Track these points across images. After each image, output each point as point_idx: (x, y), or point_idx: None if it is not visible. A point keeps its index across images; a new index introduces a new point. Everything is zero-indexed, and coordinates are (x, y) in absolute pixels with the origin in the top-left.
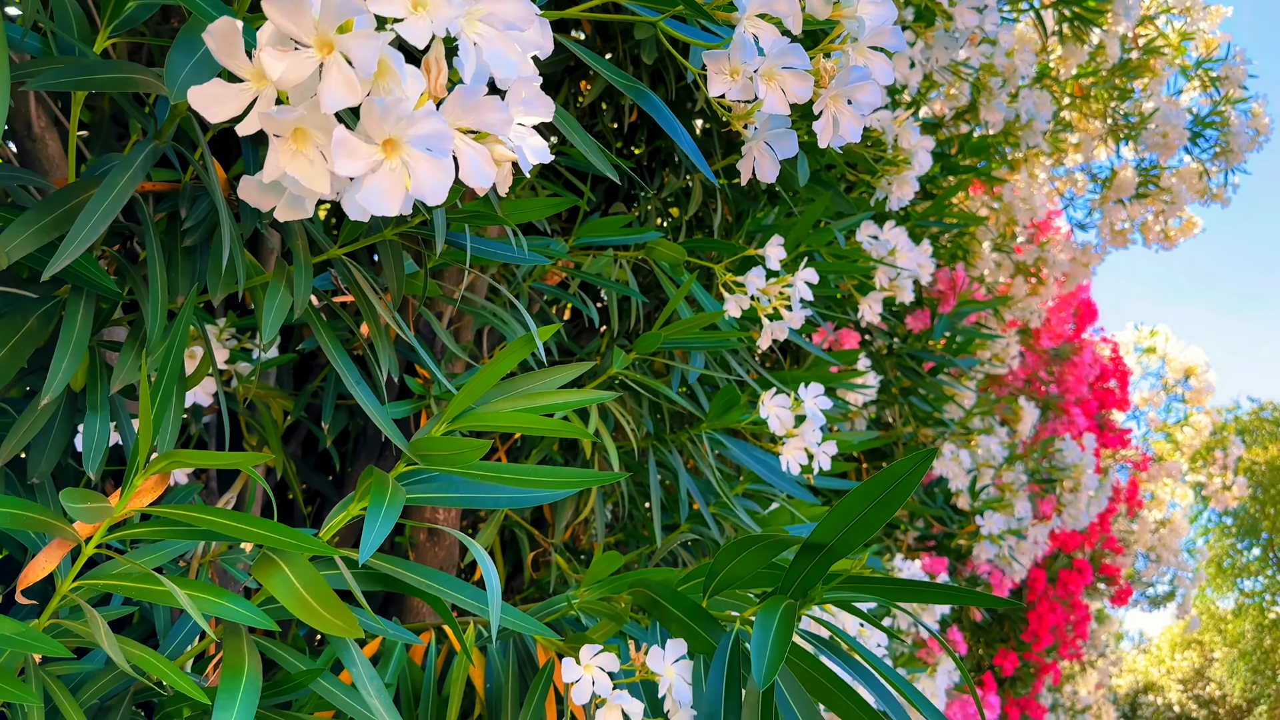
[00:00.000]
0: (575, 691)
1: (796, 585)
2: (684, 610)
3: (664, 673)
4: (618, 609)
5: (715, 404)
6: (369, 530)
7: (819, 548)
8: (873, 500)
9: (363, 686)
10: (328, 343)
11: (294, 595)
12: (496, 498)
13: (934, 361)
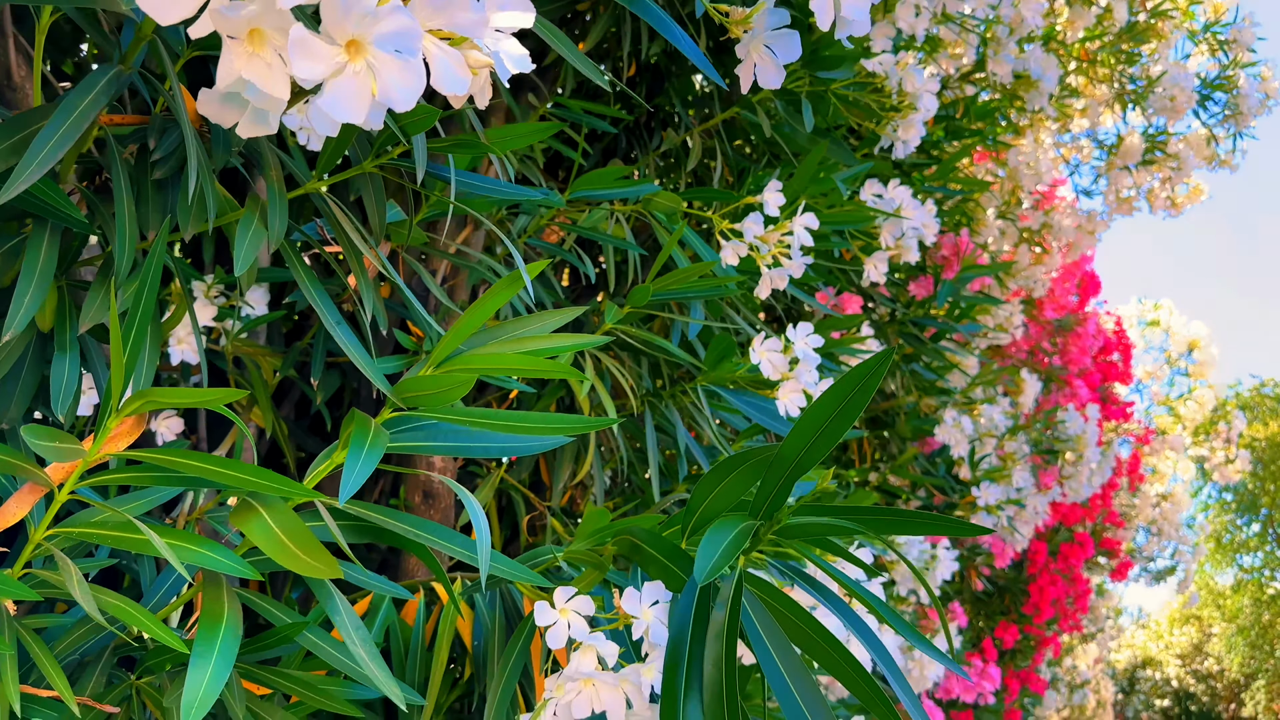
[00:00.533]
0: (550, 635)
1: (765, 508)
2: (662, 552)
3: (640, 615)
4: (600, 557)
5: (710, 353)
6: (349, 472)
7: (784, 464)
8: (835, 409)
9: (348, 637)
10: (305, 280)
11: (272, 540)
12: (487, 446)
13: (937, 328)
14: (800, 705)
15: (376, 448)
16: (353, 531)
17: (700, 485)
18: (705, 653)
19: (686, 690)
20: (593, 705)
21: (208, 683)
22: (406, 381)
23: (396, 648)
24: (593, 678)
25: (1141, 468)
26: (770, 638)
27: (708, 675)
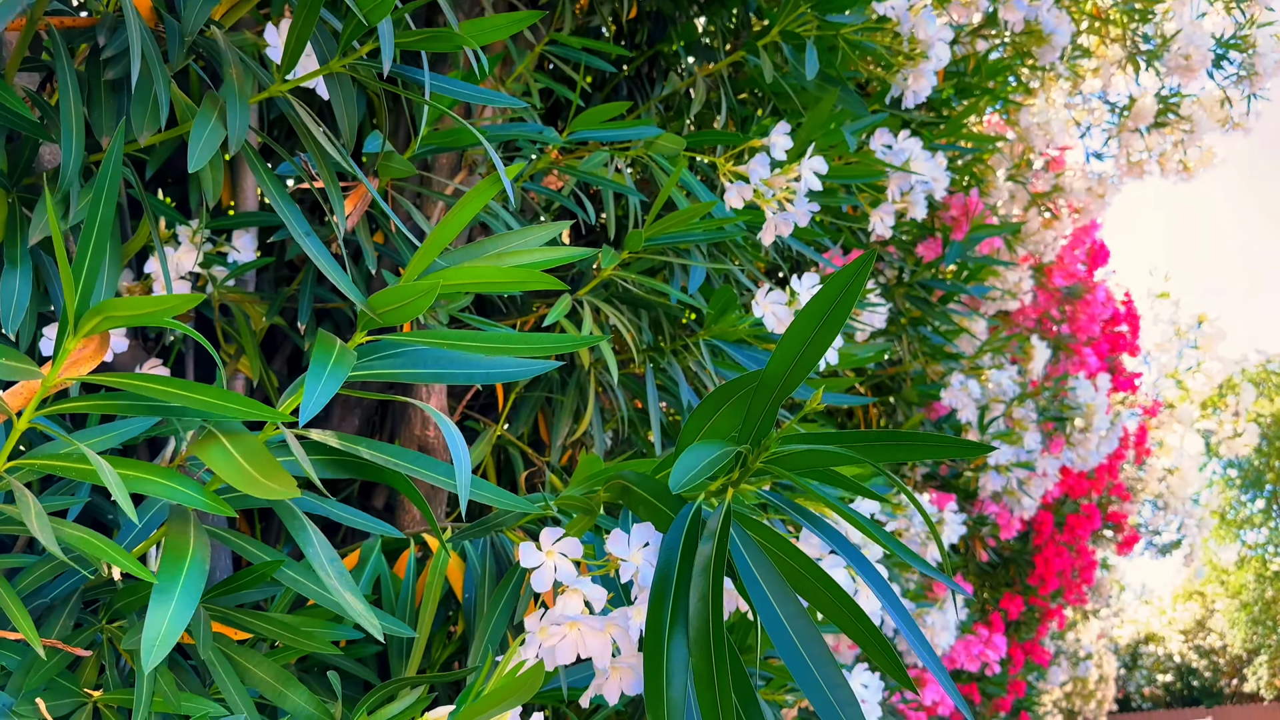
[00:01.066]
0: (535, 578)
1: (753, 432)
2: (652, 492)
3: (629, 557)
4: (590, 502)
5: (713, 306)
6: (310, 393)
7: (769, 385)
8: (818, 321)
9: (321, 569)
10: (266, 181)
11: (231, 465)
12: (470, 372)
13: (945, 290)
14: (797, 646)
15: (341, 367)
16: (330, 465)
17: (690, 420)
18: (691, 589)
19: (671, 627)
20: (578, 650)
21: (170, 620)
22: (378, 296)
23: (387, 598)
24: (578, 621)
25: (1148, 441)
26: (763, 575)
27: (694, 611)
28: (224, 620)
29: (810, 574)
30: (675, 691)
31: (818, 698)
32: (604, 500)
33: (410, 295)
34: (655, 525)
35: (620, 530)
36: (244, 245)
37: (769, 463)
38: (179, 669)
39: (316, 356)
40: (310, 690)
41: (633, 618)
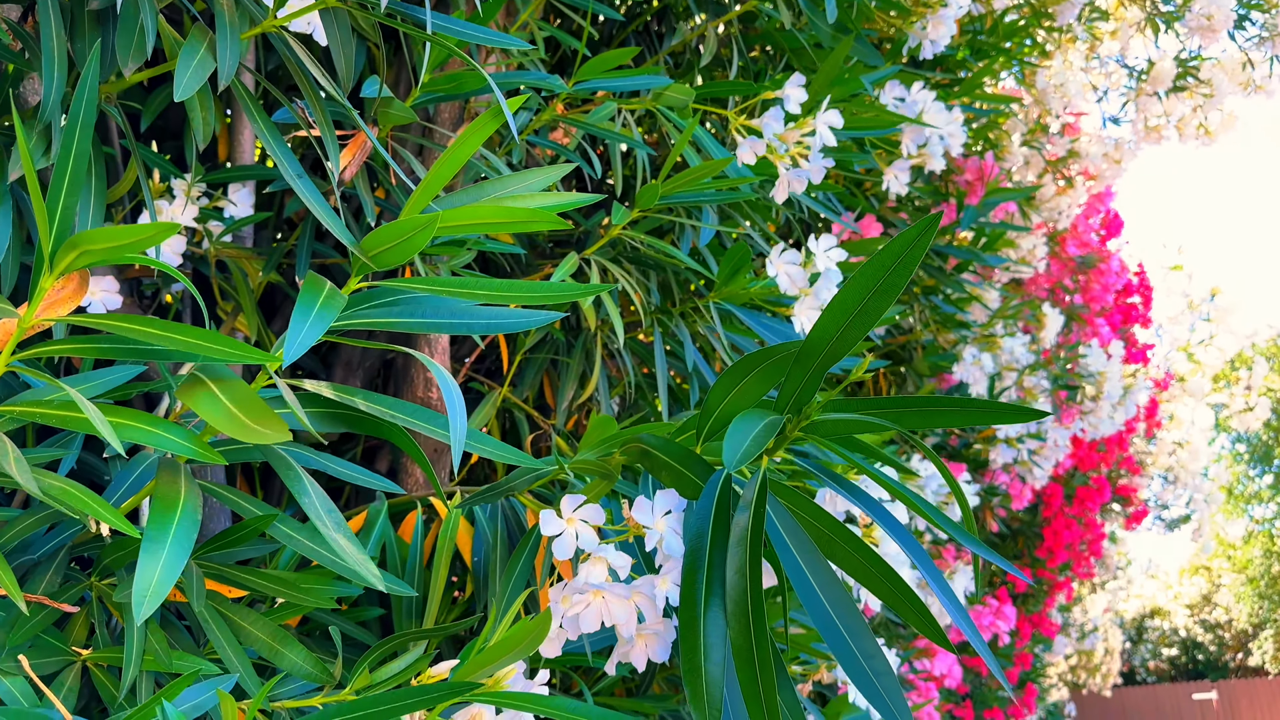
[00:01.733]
0: (556, 546)
1: (791, 401)
2: (676, 457)
3: (653, 525)
4: (608, 466)
5: (724, 265)
6: (294, 333)
7: (814, 352)
8: (873, 285)
9: (318, 520)
10: (257, 119)
11: (219, 410)
12: (470, 323)
13: (959, 258)
14: (832, 616)
15: (329, 309)
16: (325, 419)
17: (718, 384)
18: (727, 560)
19: (707, 600)
20: (602, 618)
21: (161, 573)
22: (370, 236)
23: (393, 562)
24: (602, 589)
25: (1159, 414)
26: (796, 543)
27: (730, 583)
28: (219, 577)
29: (841, 538)
30: (714, 666)
31: (853, 668)
32: (620, 464)
33: (404, 233)
34: (680, 492)
35: (644, 497)
36: (241, 200)
37: (806, 430)
38: (172, 628)
39: (304, 297)
40: (309, 650)
41: (657, 586)
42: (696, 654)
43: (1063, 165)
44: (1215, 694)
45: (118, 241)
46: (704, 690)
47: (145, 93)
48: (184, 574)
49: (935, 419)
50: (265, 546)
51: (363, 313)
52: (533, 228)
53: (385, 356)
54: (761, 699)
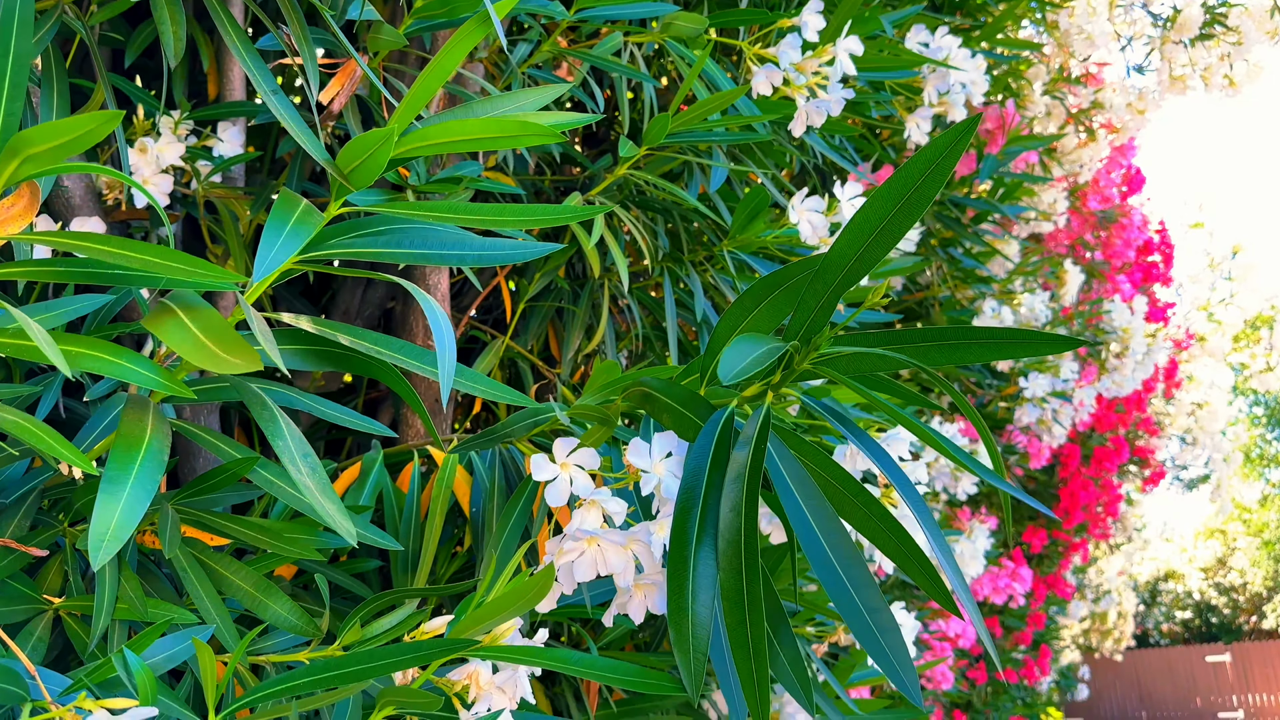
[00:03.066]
0: (549, 492)
1: (804, 328)
2: (678, 399)
3: (650, 468)
4: (608, 412)
5: (740, 210)
6: (265, 252)
7: (830, 273)
8: (897, 201)
9: (291, 462)
10: (230, 33)
11: (187, 339)
12: (462, 253)
13: (978, 209)
14: (835, 566)
15: (302, 227)
16: (305, 356)
17: (726, 315)
18: (723, 498)
19: (698, 539)
20: (597, 567)
21: (121, 514)
22: (344, 150)
23: (390, 513)
24: (597, 536)
25: (1178, 374)
26: (801, 490)
27: (724, 521)
28: (197, 524)
29: (851, 492)
30: (700, 608)
31: (857, 623)
32: (622, 410)
33: (376, 141)
34: (680, 434)
35: (640, 439)
36: (230, 138)
37: (818, 363)
38: (151, 577)
39: (275, 215)
40: (295, 602)
41: (655, 532)
42: (683, 594)
43: (1085, 116)
44: (1229, 656)
45: (60, 138)
46: (688, 632)
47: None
48: (159, 518)
49: (963, 353)
50: (250, 493)
51: (346, 242)
52: (526, 142)
53: (385, 306)
54: (749, 645)
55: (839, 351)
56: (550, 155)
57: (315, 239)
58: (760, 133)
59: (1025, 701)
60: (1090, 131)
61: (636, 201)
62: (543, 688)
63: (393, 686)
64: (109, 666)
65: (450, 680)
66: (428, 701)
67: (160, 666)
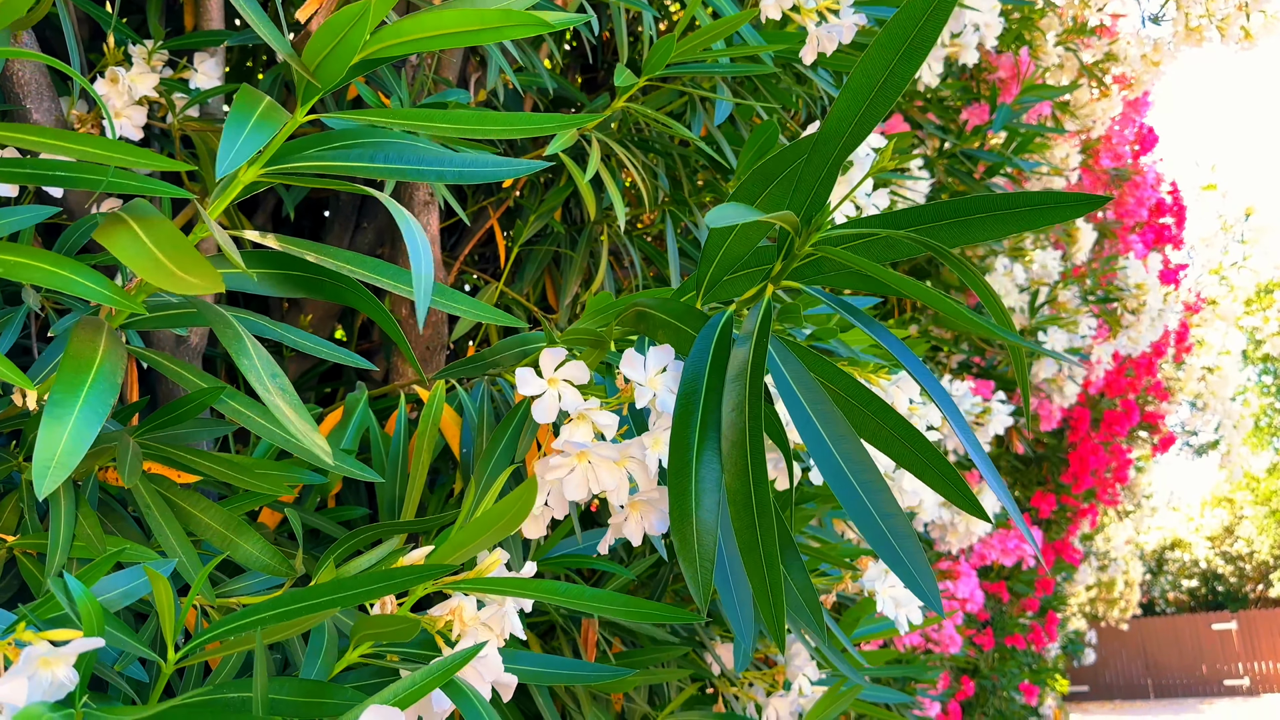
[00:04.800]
0: (537, 408)
1: (804, 209)
2: (673, 313)
3: (645, 382)
4: (600, 333)
5: (747, 149)
6: (227, 148)
7: (832, 139)
8: (904, 40)
9: (260, 384)
10: None
11: (143, 254)
12: (441, 169)
13: (990, 162)
14: (845, 470)
15: (267, 124)
16: (273, 281)
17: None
18: (724, 398)
19: (700, 443)
20: (589, 485)
21: (67, 441)
22: (308, 46)
23: (377, 455)
24: (588, 450)
25: (1189, 338)
26: (805, 392)
27: (727, 421)
28: (162, 459)
29: (856, 396)
30: (706, 513)
31: (872, 531)
32: (617, 335)
33: (342, 27)
34: (678, 349)
35: (634, 351)
36: (207, 70)
37: (820, 245)
38: (115, 517)
39: (235, 112)
40: (268, 542)
41: (649, 447)
42: (686, 500)
43: (1098, 69)
44: (1235, 624)
45: None
46: (694, 539)
47: None
48: (117, 448)
49: (978, 228)
50: (221, 429)
51: (316, 155)
52: (510, 34)
53: (374, 252)
54: (760, 552)
55: (841, 232)
56: (546, 93)
57: (282, 152)
58: (766, 64)
59: (1032, 668)
60: (1103, 85)
61: (636, 142)
62: (539, 642)
63: (368, 617)
64: (57, 602)
65: (433, 617)
66: (405, 628)
67: (116, 603)
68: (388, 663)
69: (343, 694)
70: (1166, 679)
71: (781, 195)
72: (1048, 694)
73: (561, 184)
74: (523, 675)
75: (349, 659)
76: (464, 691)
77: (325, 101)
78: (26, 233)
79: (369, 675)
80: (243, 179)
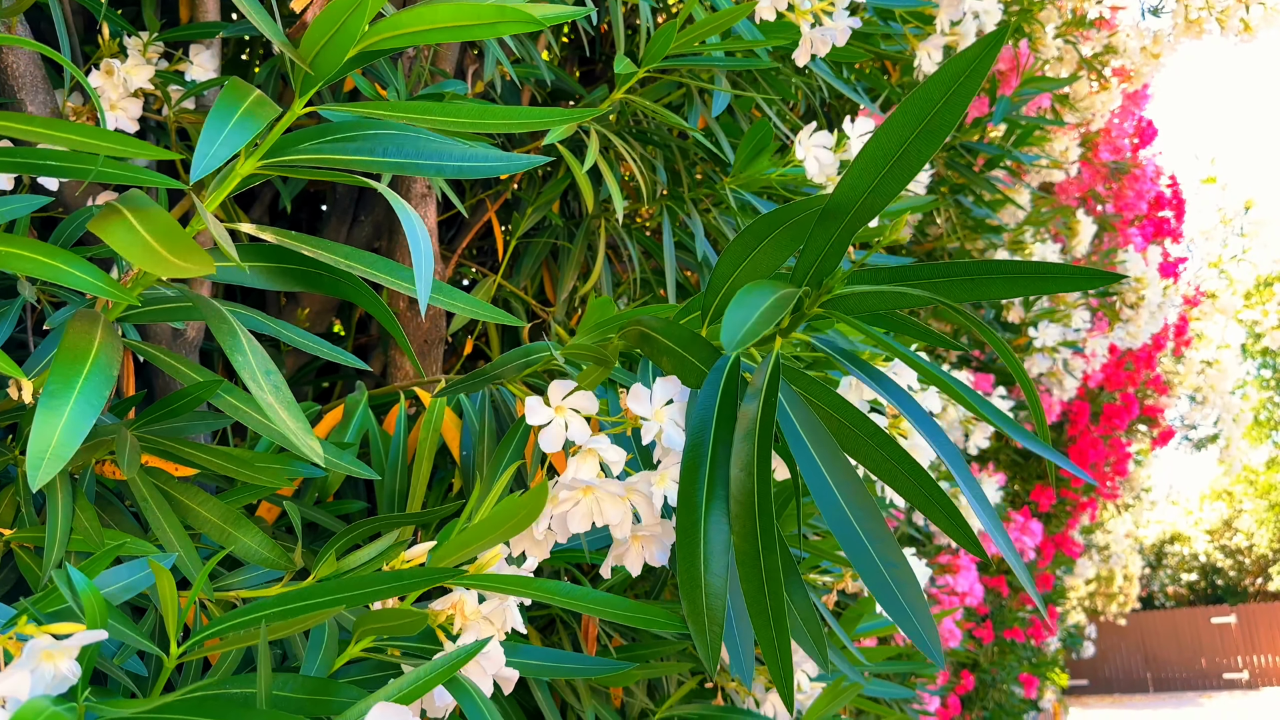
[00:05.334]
0: (544, 437)
1: (812, 270)
2: (678, 341)
3: (651, 415)
4: (604, 351)
5: (744, 145)
6: (205, 145)
7: (842, 209)
8: (921, 121)
9: (254, 381)
10: None
11: (135, 242)
12: (440, 164)
13: (990, 154)
14: (851, 521)
15: (252, 120)
16: (272, 274)
17: (727, 253)
18: (733, 456)
19: (708, 501)
20: (594, 518)
21: (62, 433)
22: (305, 35)
23: (376, 455)
24: (593, 485)
25: (1188, 332)
26: (812, 437)
27: (735, 482)
28: (160, 452)
29: (864, 430)
30: (714, 576)
31: (875, 580)
32: (619, 349)
33: (340, 15)
34: (682, 379)
35: (641, 385)
36: (203, 62)
37: (828, 306)
38: (113, 511)
39: (220, 104)
40: (266, 535)
41: (655, 484)
42: (695, 563)
43: (1098, 61)
44: (1234, 618)
45: None
46: (703, 605)
47: None
48: (115, 441)
49: (985, 287)
50: (218, 423)
51: (313, 147)
52: (506, 30)
53: (371, 245)
54: (769, 614)
55: (851, 290)
56: (544, 85)
57: (279, 144)
58: (762, 59)
59: (1032, 661)
60: (1102, 77)
61: (634, 134)
62: (539, 636)
63: (370, 612)
64: (58, 596)
65: (434, 610)
66: (410, 623)
67: (117, 596)
68: (389, 657)
69: (346, 691)
70: (1166, 673)
71: (791, 241)
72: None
73: (559, 176)
74: (523, 669)
75: (350, 653)
76: (465, 687)
77: (322, 94)
78: (22, 224)
79: (370, 669)
80: (240, 171)
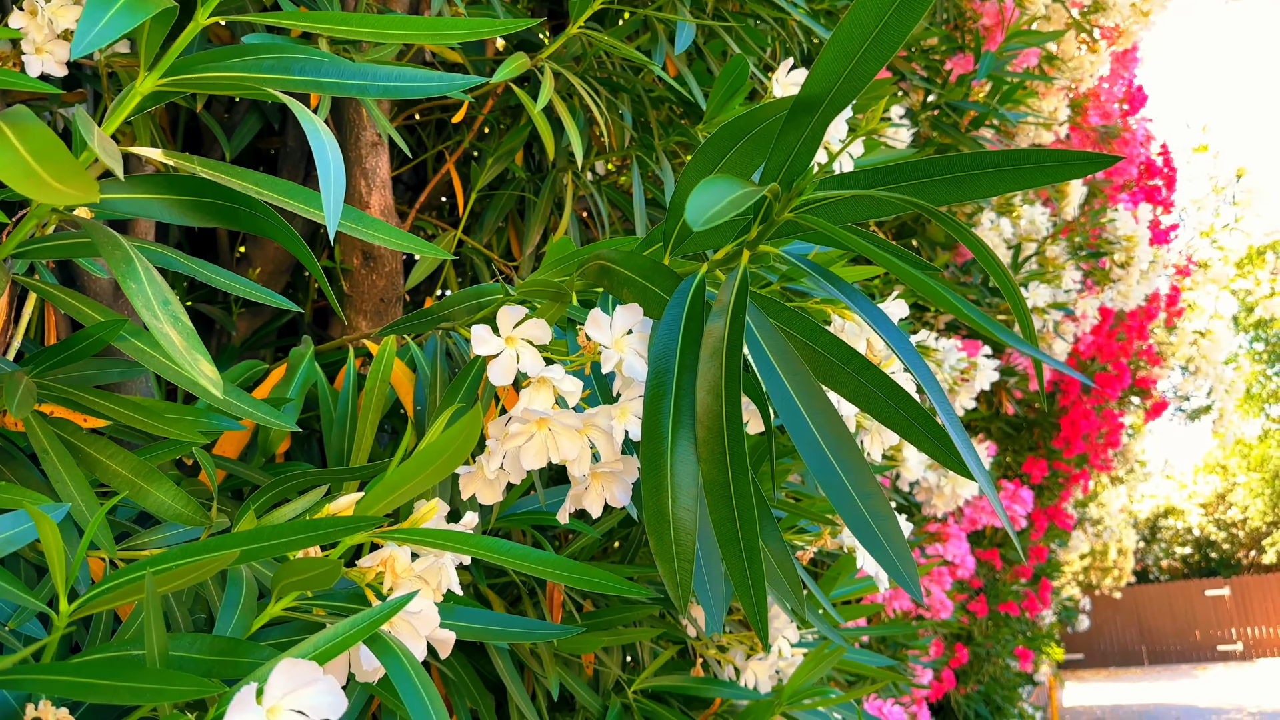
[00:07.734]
0: (493, 369)
1: (783, 171)
2: (639, 270)
3: (611, 344)
4: (561, 286)
5: (718, 86)
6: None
7: (815, 99)
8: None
9: (148, 309)
10: None
11: (15, 162)
12: (363, 84)
13: (976, 111)
14: (825, 450)
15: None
16: (178, 208)
17: (688, 169)
18: (698, 379)
19: (674, 427)
20: (549, 453)
21: None
22: None
23: (326, 413)
24: (548, 417)
25: (1179, 302)
26: (783, 364)
27: (702, 405)
28: (63, 401)
29: (842, 358)
30: (682, 510)
31: (850, 511)
32: (578, 288)
33: None
34: (645, 310)
35: (599, 310)
36: None
37: (801, 210)
38: (15, 464)
39: None
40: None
41: (615, 417)
42: (662, 497)
43: (1086, 20)
44: (1228, 590)
45: None
46: (671, 540)
47: None
48: (7, 385)
49: (971, 185)
50: (126, 370)
51: (226, 65)
52: None
53: None
54: (741, 545)
55: (826, 196)
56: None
57: (184, 62)
58: None
59: (1027, 635)
60: (1091, 38)
61: (601, 81)
62: (502, 603)
63: (285, 564)
64: None
65: (363, 568)
66: (325, 573)
67: None
68: (314, 617)
69: (258, 651)
70: (1161, 645)
71: (758, 152)
72: (1042, 661)
73: (521, 123)
74: (473, 633)
75: (271, 613)
76: (391, 647)
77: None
78: None
79: (294, 631)
80: (140, 89)
